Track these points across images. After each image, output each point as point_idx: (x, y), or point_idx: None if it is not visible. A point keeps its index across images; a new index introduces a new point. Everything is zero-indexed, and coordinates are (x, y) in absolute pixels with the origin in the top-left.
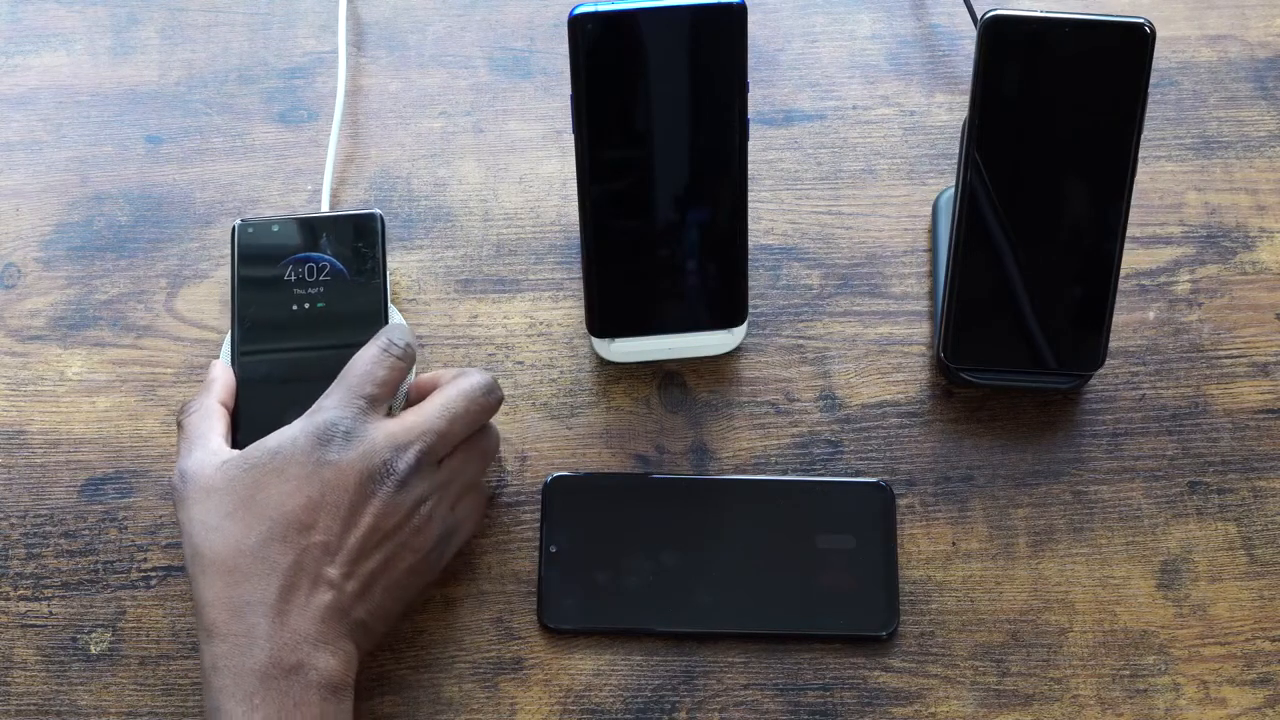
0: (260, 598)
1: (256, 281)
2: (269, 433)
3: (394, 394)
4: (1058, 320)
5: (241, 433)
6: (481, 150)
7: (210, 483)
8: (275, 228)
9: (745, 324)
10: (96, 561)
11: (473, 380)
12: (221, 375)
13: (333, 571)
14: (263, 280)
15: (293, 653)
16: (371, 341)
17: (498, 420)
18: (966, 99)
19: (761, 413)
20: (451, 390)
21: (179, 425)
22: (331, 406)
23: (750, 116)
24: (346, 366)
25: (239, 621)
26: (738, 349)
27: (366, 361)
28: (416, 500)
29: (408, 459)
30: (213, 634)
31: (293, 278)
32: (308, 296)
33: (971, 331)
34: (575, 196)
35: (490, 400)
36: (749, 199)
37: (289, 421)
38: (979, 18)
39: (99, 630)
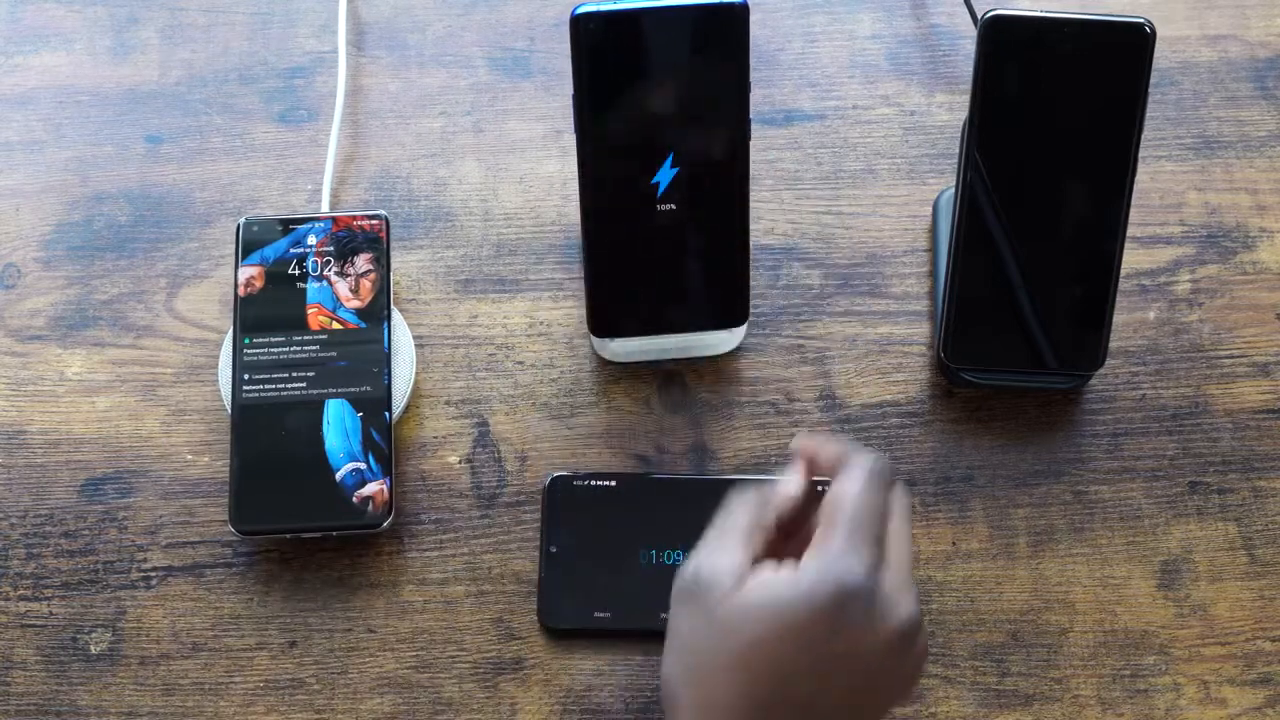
0: None
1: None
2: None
3: None
4: (1058, 320)
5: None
6: (481, 150)
7: (719, 608)
8: (279, 226)
9: (746, 324)
10: (96, 561)
11: (903, 499)
12: (794, 491)
13: None
14: (269, 277)
15: None
16: (862, 471)
17: (498, 420)
18: (966, 99)
19: (761, 413)
20: (899, 510)
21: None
22: (851, 565)
23: (750, 116)
24: (840, 500)
25: None
26: (738, 349)
27: (870, 499)
28: (920, 651)
29: (914, 611)
30: None
31: (296, 273)
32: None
33: (971, 331)
34: (575, 196)
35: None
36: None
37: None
38: (979, 18)
39: (99, 630)
